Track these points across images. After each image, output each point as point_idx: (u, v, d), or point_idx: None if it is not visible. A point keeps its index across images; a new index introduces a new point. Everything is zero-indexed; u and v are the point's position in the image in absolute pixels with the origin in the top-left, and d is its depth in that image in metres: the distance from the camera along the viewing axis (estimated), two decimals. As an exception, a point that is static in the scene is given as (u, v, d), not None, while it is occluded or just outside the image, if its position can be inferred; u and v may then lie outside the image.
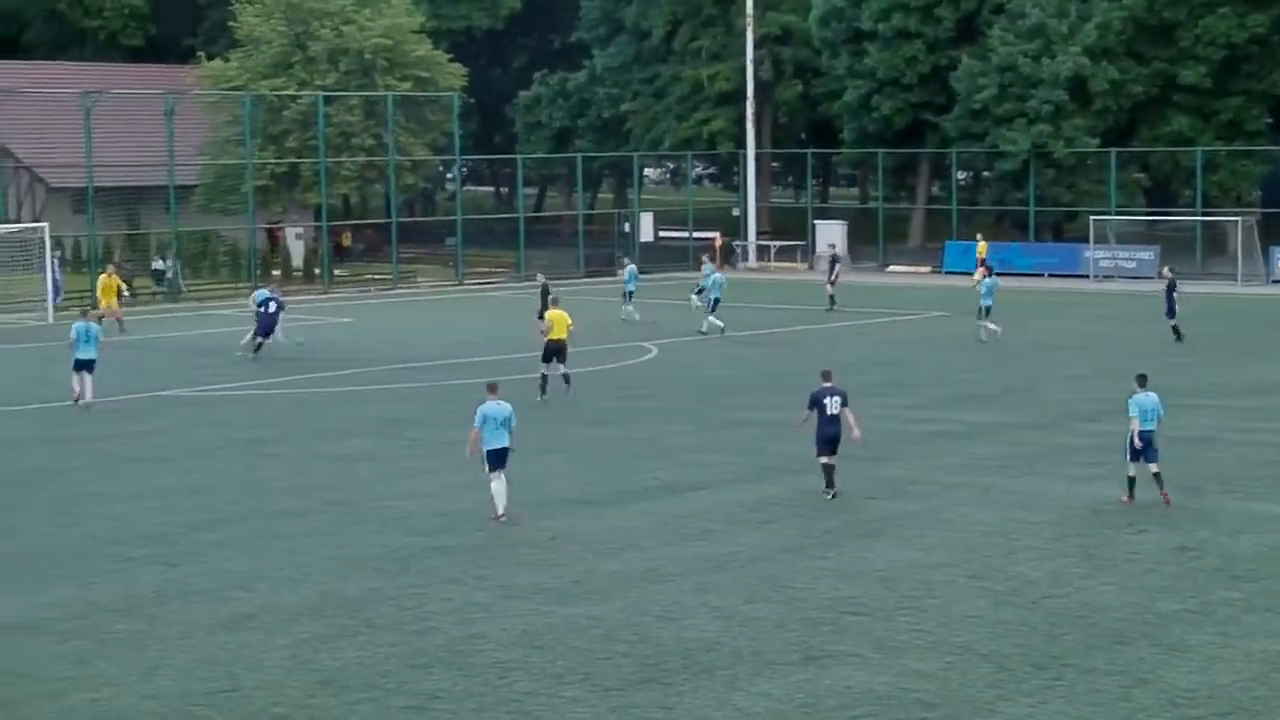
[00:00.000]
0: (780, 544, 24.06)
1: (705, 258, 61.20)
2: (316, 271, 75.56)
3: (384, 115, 77.75)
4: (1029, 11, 76.88)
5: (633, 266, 58.66)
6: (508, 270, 79.03)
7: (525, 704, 17.21)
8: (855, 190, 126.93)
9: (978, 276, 55.91)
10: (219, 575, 22.34)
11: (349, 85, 79.86)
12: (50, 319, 56.82)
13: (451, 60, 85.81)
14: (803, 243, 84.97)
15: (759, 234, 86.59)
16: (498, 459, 25.41)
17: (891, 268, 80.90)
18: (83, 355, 37.96)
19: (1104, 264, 74.56)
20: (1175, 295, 49.60)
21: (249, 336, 48.25)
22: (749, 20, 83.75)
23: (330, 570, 22.61)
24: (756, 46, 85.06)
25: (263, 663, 18.52)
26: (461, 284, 74.58)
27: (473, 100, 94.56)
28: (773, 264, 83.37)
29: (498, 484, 25.47)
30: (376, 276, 77.84)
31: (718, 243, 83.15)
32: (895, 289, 70.49)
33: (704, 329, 51.67)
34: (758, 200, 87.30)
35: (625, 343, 49.53)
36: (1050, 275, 75.01)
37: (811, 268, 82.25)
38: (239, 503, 27.29)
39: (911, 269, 79.65)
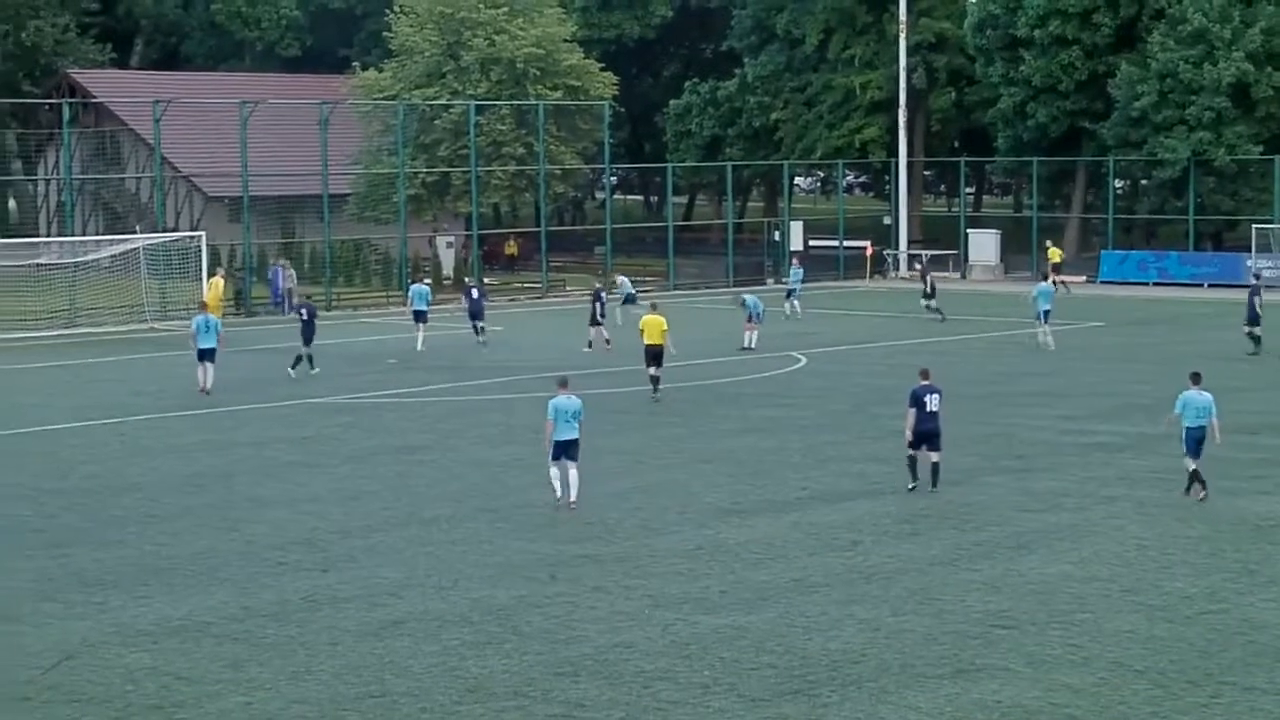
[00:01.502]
0: (930, 556, 23.84)
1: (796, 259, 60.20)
2: (467, 279, 75.96)
3: (535, 124, 78.18)
4: (1190, 17, 75.63)
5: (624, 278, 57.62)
6: (658, 279, 79.12)
7: (671, 714, 17.16)
8: (1009, 199, 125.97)
9: (1052, 282, 55.34)
10: (370, 581, 22.51)
11: (500, 94, 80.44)
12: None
13: (603, 69, 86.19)
14: (955, 252, 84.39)
15: (911, 243, 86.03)
16: (563, 449, 26.94)
17: (1049, 278, 79.88)
18: (203, 345, 41.36)
19: (1267, 273, 73.18)
20: (1258, 300, 48.45)
21: (419, 342, 49.46)
22: (902, 28, 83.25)
23: (480, 577, 22.70)
24: (910, 54, 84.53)
25: (411, 669, 18.63)
26: (611, 293, 74.66)
27: (623, 109, 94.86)
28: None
29: (556, 470, 27.05)
30: (526, 285, 78.22)
31: (868, 251, 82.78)
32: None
33: (747, 343, 50.73)
34: (910, 209, 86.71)
35: (774, 352, 49.36)
36: (1210, 285, 73.83)
37: (964, 277, 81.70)
38: (392, 509, 27.49)
39: (1066, 278, 78.57)
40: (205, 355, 41.50)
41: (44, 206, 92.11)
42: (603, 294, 52.00)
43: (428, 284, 55.42)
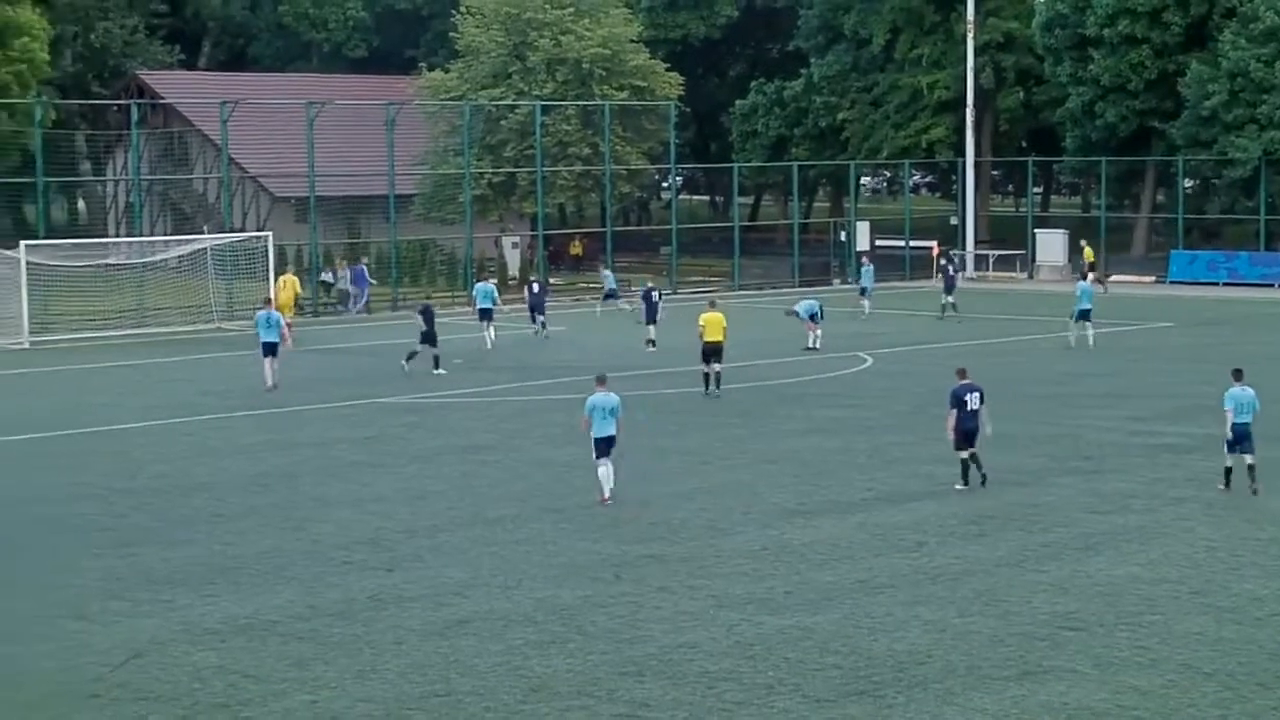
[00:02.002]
0: (996, 557, 23.72)
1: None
2: (532, 277, 76.09)
3: (601, 124, 78.24)
4: (1262, 15, 74.95)
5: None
6: (723, 279, 79.06)
7: (735, 714, 17.13)
8: (1077, 199, 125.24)
9: (1089, 281, 55.39)
10: (435, 581, 22.56)
11: (566, 95, 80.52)
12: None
13: (668, 69, 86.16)
14: (1022, 252, 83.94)
15: (978, 243, 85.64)
16: (605, 446, 27.54)
17: (1114, 277, 79.51)
18: (266, 339, 42.70)
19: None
20: None
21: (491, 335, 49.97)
22: (970, 27, 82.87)
23: (545, 577, 22.72)
24: (977, 54, 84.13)
25: (476, 668, 18.66)
26: (675, 293, 74.60)
27: (689, 109, 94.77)
28: (991, 274, 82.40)
29: (604, 469, 27.53)
30: (591, 285, 78.22)
31: (934, 252, 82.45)
32: (1118, 299, 69.23)
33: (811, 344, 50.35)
34: (977, 209, 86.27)
35: (839, 352, 49.21)
36: (1281, 286, 73.27)
37: (1031, 277, 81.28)
38: (457, 508, 27.54)
39: (1135, 279, 78.21)
40: (268, 350, 42.71)
41: (113, 207, 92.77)
42: (654, 293, 52.09)
43: (494, 283, 55.55)
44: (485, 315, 51.87)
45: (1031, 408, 37.72)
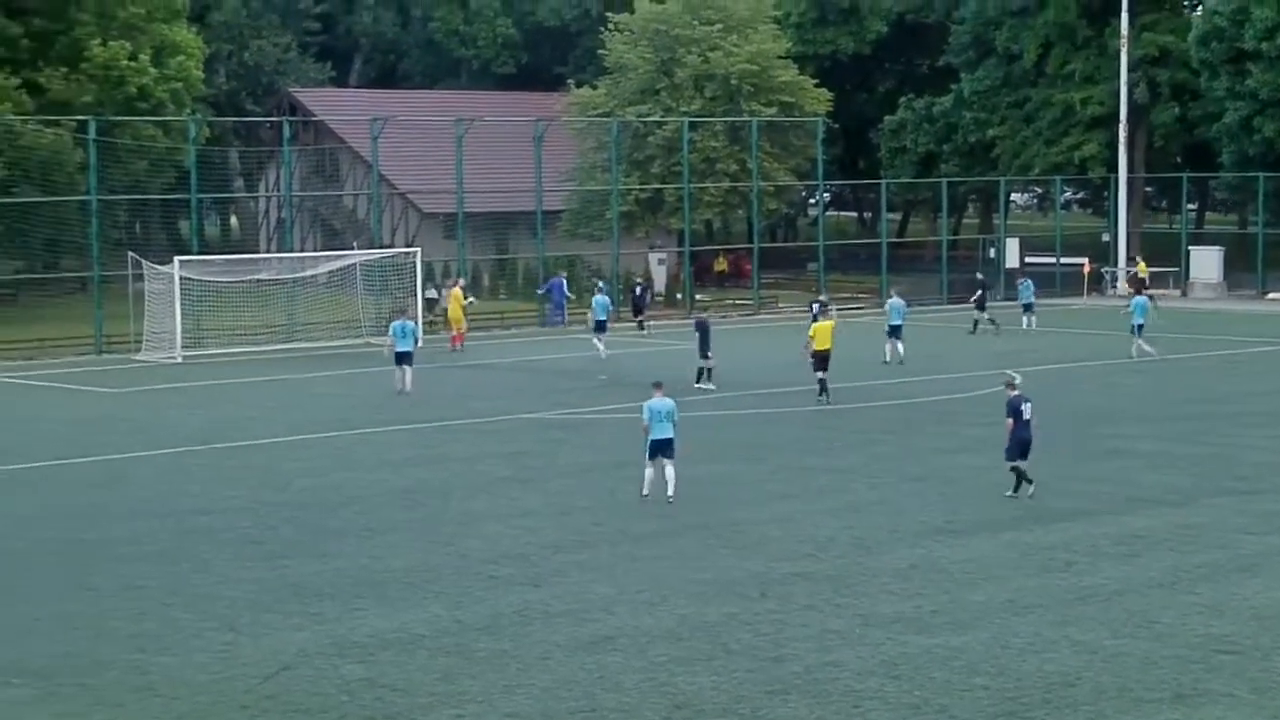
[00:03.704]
0: (1148, 578, 23.34)
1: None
2: (678, 296, 76.26)
3: (748, 140, 78.15)
4: None
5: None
6: (870, 296, 78.61)
7: (883, 735, 16.99)
8: (1233, 216, 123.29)
9: (1128, 290, 54.79)
10: (580, 597, 22.58)
11: (714, 111, 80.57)
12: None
13: (817, 85, 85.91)
14: (1175, 269, 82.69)
15: (1130, 260, 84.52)
16: (660, 448, 28.76)
17: (1271, 295, 78.14)
18: (401, 349, 44.59)
19: None
20: None
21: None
22: (1124, 42, 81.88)
23: (689, 594, 22.65)
24: (1131, 69, 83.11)
25: (621, 685, 18.63)
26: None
27: (837, 125, 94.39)
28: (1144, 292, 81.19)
29: (651, 471, 28.80)
30: (738, 301, 78.14)
31: (1086, 269, 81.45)
32: (1276, 317, 68.06)
33: (887, 359, 50.77)
34: (1129, 226, 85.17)
35: (989, 370, 48.75)
36: None
37: (1184, 294, 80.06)
38: (603, 524, 27.55)
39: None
40: (403, 359, 44.53)
41: (264, 223, 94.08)
42: (815, 303, 52.22)
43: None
44: (600, 328, 52.66)
45: (1185, 426, 37.15)
